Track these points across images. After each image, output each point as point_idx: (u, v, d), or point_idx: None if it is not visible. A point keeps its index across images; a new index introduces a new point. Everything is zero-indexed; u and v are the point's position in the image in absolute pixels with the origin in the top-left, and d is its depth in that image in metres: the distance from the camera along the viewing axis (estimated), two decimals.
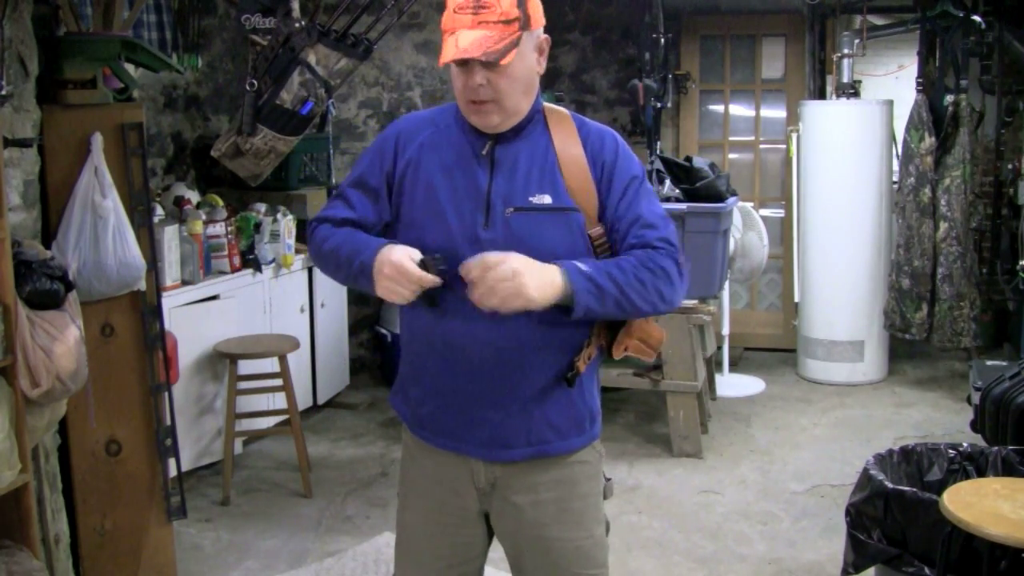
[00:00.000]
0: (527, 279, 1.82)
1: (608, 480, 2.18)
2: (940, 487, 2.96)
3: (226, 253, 4.67)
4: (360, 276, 1.97)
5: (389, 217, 2.06)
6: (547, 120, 2.02)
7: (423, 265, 1.89)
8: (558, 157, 1.98)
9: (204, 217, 4.60)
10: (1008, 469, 3.12)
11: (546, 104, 2.06)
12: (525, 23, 1.90)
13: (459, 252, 1.92)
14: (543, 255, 1.90)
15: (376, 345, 6.13)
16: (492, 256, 1.84)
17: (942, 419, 5.29)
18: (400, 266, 1.88)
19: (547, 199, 1.96)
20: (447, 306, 1.95)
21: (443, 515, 2.09)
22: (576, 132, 2.02)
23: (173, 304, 4.20)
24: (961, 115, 5.66)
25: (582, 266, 1.90)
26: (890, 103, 5.97)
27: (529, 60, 1.94)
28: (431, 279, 1.89)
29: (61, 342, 2.76)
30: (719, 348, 5.89)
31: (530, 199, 1.95)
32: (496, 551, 2.18)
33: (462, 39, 1.86)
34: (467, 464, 2.04)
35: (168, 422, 3.42)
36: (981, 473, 3.14)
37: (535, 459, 2.02)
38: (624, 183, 2.01)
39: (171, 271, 4.26)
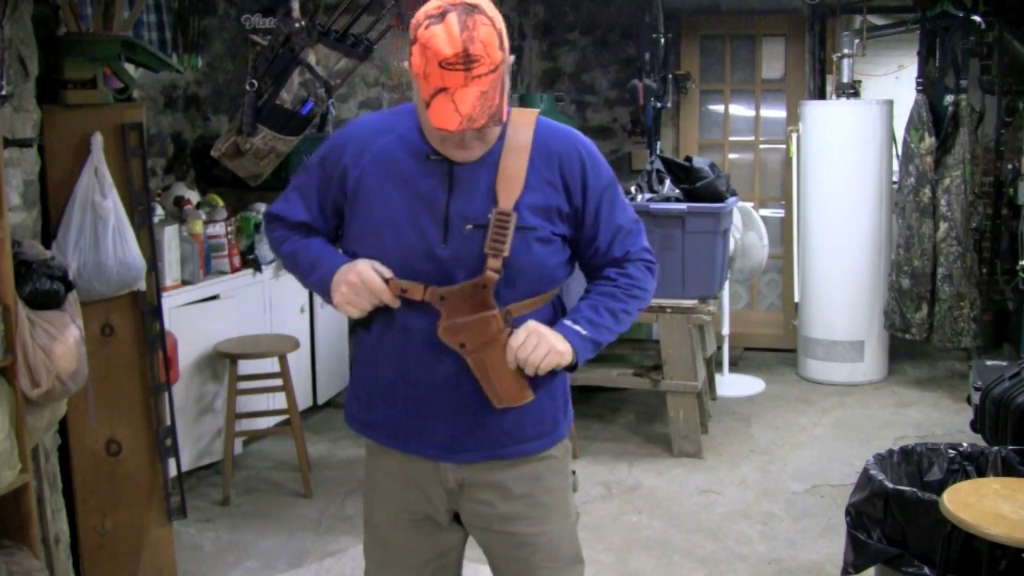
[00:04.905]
0: (551, 336, 1.90)
1: (573, 473, 2.18)
2: (940, 487, 2.96)
3: (226, 253, 4.66)
4: (317, 287, 2.02)
5: (334, 223, 2.06)
6: (506, 130, 1.96)
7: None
8: (514, 171, 1.93)
9: (204, 217, 4.60)
10: (1008, 469, 3.12)
11: (513, 110, 1.99)
12: (503, 58, 1.81)
13: (416, 268, 1.92)
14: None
15: None
16: (516, 337, 1.90)
17: (942, 419, 5.29)
18: (367, 278, 1.90)
19: None
20: (401, 322, 1.96)
21: (412, 514, 2.08)
22: (531, 141, 1.95)
23: (173, 304, 4.20)
24: (961, 115, 5.66)
25: (582, 331, 1.96)
26: (890, 103, 5.97)
27: (507, 89, 1.87)
28: (390, 297, 1.91)
29: (61, 342, 2.76)
30: (719, 348, 5.89)
31: (489, 216, 1.91)
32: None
33: (461, 103, 1.75)
34: (435, 465, 2.03)
35: (168, 422, 3.42)
36: (981, 473, 3.14)
37: (495, 460, 2.02)
38: (599, 193, 2.00)
39: (171, 271, 4.26)
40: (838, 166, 5.85)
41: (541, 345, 1.89)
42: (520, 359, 1.89)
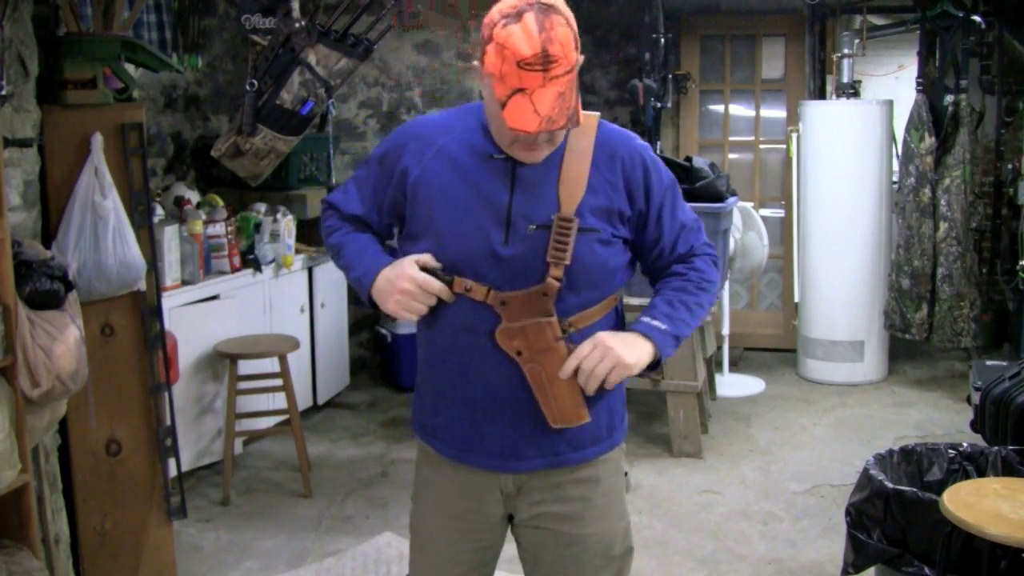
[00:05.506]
0: (620, 349, 1.87)
1: (626, 474, 2.17)
2: (940, 487, 2.96)
3: (226, 253, 4.67)
4: (356, 286, 2.02)
5: (389, 221, 2.05)
6: (569, 133, 1.94)
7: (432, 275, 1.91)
8: (577, 174, 1.92)
9: (204, 217, 4.60)
10: (1008, 469, 3.13)
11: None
12: (578, 59, 1.78)
13: (478, 268, 1.90)
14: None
15: (376, 345, 6.13)
16: (582, 349, 1.88)
17: (942, 419, 5.29)
18: (421, 281, 1.88)
19: None
20: (464, 325, 1.94)
21: (466, 521, 2.07)
22: (593, 144, 1.95)
23: (173, 304, 4.20)
24: (961, 115, 5.66)
25: (661, 325, 1.94)
26: (890, 103, 5.97)
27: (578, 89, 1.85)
28: (449, 294, 1.90)
29: (61, 342, 2.76)
30: (719, 348, 5.89)
31: (552, 217, 1.89)
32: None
33: (540, 104, 1.72)
34: (493, 475, 2.02)
35: (168, 422, 3.42)
36: (981, 473, 3.14)
37: (554, 469, 2.01)
38: (662, 195, 2.00)
39: (171, 271, 4.26)
40: (838, 166, 5.85)
41: (606, 359, 1.87)
42: (584, 371, 1.88)
